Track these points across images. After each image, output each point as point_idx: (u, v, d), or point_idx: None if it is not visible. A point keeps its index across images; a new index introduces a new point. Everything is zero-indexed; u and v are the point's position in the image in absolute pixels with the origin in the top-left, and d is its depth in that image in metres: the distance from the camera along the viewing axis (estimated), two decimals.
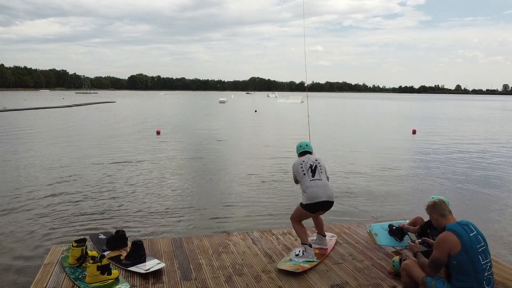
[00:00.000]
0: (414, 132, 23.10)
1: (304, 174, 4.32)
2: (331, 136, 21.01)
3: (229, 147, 16.86)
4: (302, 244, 4.33)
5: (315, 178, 4.29)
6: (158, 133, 21.00)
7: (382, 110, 53.91)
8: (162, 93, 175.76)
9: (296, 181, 4.53)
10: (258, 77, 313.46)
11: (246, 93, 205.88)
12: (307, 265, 4.09)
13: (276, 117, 37.69)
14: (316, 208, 4.24)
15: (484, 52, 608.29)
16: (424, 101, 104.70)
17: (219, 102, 71.70)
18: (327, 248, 4.61)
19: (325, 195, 4.21)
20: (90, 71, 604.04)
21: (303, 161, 4.45)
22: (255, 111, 45.09)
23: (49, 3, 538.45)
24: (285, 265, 4.08)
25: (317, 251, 4.48)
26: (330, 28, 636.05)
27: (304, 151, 4.62)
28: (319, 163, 4.44)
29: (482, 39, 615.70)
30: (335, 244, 4.80)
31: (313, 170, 4.35)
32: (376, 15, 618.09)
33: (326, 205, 4.26)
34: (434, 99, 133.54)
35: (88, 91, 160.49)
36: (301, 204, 4.32)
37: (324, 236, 4.72)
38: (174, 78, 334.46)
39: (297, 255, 4.25)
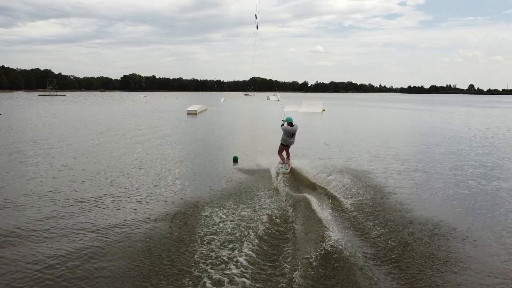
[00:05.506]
0: None
1: (287, 135, 12.58)
2: None
3: None
4: (283, 163, 12.82)
5: (291, 139, 12.70)
6: None
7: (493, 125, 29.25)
8: (141, 94, 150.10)
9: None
10: (259, 77, 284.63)
11: (245, 94, 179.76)
12: (287, 170, 12.37)
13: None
14: (285, 145, 12.83)
15: (485, 51, 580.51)
16: (470, 105, 79.65)
17: (187, 114, 43.42)
18: (290, 164, 12.93)
19: (290, 143, 12.84)
20: (90, 72, 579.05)
21: (289, 130, 12.50)
22: (234, 160, 14.95)
23: (50, 4, 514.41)
24: (281, 171, 12.23)
25: (288, 165, 12.82)
26: (330, 28, 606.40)
27: (290, 122, 12.62)
28: (295, 132, 12.74)
29: (482, 39, 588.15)
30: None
31: (292, 135, 12.62)
32: (376, 15, 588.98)
33: (289, 146, 12.98)
34: (469, 102, 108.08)
35: (54, 93, 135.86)
36: (281, 144, 12.83)
37: (289, 159, 13.11)
38: (171, 78, 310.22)
39: (282, 167, 12.48)
